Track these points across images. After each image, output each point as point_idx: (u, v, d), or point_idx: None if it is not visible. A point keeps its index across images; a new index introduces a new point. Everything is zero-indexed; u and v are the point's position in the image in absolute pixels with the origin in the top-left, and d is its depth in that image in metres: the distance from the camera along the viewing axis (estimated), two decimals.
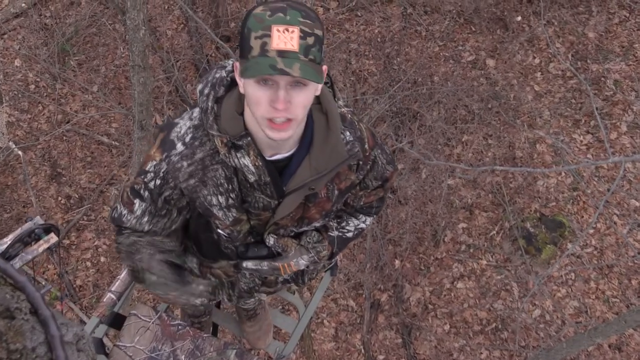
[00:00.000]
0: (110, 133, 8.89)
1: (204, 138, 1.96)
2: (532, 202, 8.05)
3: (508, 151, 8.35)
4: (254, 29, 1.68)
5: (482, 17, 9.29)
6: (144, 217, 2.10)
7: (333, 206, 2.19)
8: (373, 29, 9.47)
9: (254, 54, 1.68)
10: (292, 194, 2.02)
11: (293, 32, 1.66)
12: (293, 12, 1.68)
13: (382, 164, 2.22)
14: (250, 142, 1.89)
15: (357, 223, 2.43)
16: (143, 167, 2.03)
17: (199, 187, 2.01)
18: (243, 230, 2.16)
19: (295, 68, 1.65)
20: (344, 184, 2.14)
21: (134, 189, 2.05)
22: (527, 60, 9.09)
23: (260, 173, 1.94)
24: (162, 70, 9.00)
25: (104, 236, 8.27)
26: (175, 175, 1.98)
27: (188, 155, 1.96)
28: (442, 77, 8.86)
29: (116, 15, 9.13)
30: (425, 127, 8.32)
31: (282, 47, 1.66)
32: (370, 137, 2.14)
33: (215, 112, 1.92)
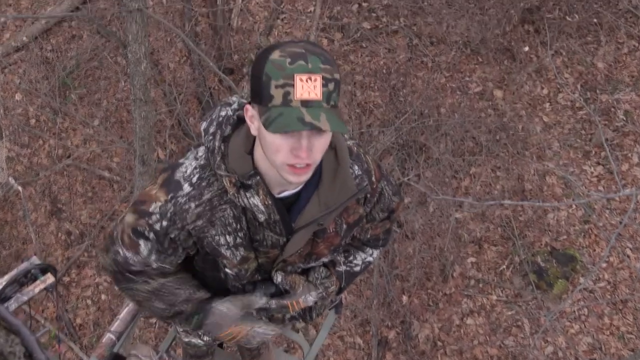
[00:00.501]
0: (112, 168, 8.90)
1: (211, 178, 1.96)
2: (542, 236, 8.02)
3: (517, 183, 8.34)
4: (274, 77, 1.66)
5: (489, 48, 9.32)
6: (152, 255, 2.09)
7: (342, 240, 2.20)
8: (378, 61, 9.51)
9: (276, 103, 1.67)
10: (300, 230, 2.03)
11: (316, 80, 1.66)
12: (313, 58, 1.67)
13: (388, 195, 2.23)
14: (259, 181, 1.89)
15: (364, 257, 2.45)
16: (145, 208, 2.00)
17: (207, 227, 2.01)
18: (250, 268, 2.16)
19: (322, 120, 1.65)
20: (352, 217, 2.15)
21: (138, 230, 2.03)
22: (536, 91, 9.11)
23: (270, 212, 1.94)
24: (164, 104, 9.04)
25: (104, 273, 8.25)
26: (182, 216, 1.97)
27: (196, 197, 1.96)
28: (449, 108, 8.88)
29: (118, 48, 9.20)
30: (432, 160, 8.32)
31: (306, 97, 1.66)
32: (377, 169, 2.16)
33: (223, 152, 1.92)
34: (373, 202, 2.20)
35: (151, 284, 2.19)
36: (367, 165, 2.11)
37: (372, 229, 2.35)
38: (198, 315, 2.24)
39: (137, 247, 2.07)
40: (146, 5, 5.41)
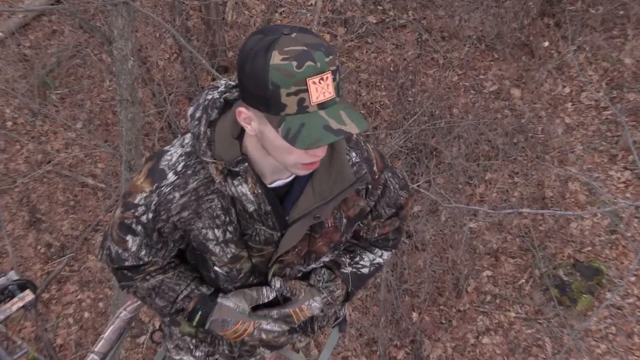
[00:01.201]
0: (96, 174, 8.90)
1: (197, 166, 1.98)
2: (565, 247, 8.00)
3: (537, 190, 8.33)
4: (283, 85, 1.66)
5: (506, 43, 9.33)
6: (141, 250, 2.13)
7: (342, 236, 2.20)
8: (385, 57, 9.53)
9: (290, 111, 1.69)
10: (295, 223, 2.04)
11: (327, 78, 1.69)
12: (318, 54, 1.68)
13: (394, 189, 2.25)
14: (247, 168, 1.90)
15: (372, 257, 2.44)
16: (131, 200, 2.03)
17: (193, 219, 2.03)
18: (244, 269, 2.17)
19: (346, 120, 1.69)
20: (353, 211, 2.16)
21: (125, 224, 2.07)
22: (557, 90, 9.11)
23: (260, 202, 1.95)
24: (153, 105, 9.05)
25: (88, 289, 8.24)
26: (167, 207, 2.00)
27: (180, 186, 1.98)
28: (462, 109, 8.88)
29: (102, 45, 9.20)
30: (444, 165, 8.33)
31: (321, 98, 1.68)
32: (379, 158, 2.17)
33: (209, 137, 1.93)
34: (377, 195, 2.21)
35: (150, 281, 2.24)
36: (368, 154, 2.13)
37: (380, 227, 2.35)
38: (201, 311, 2.25)
39: (125, 243, 2.11)
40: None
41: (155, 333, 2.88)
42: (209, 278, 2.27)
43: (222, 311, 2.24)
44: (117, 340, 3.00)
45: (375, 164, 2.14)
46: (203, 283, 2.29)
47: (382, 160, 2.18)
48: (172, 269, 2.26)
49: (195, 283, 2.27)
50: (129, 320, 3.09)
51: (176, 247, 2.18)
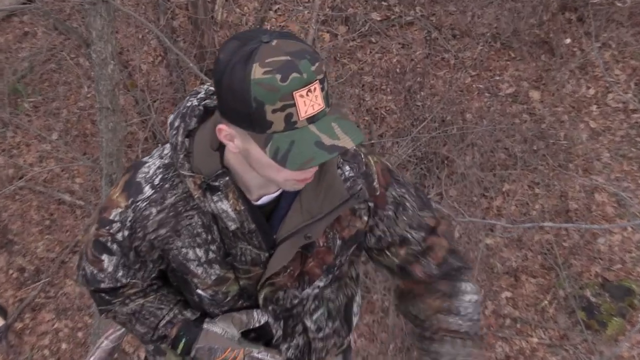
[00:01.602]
0: (74, 190, 8.91)
1: (175, 179, 1.98)
2: (592, 265, 8.00)
3: (560, 202, 8.34)
4: (267, 101, 1.63)
5: (523, 41, 9.36)
6: (118, 271, 2.13)
7: (336, 259, 2.17)
8: (391, 58, 9.55)
9: (277, 129, 1.66)
10: (284, 243, 2.02)
11: (315, 89, 1.67)
12: (303, 63, 1.65)
13: (412, 207, 2.19)
14: (228, 182, 1.89)
15: (466, 298, 2.29)
16: (106, 215, 2.04)
17: (171, 237, 2.02)
18: (231, 292, 2.17)
19: (339, 134, 1.68)
20: (348, 232, 2.12)
21: (100, 242, 2.08)
22: (580, 91, 9.13)
23: (242, 220, 1.94)
24: (136, 113, 9.06)
25: (65, 317, 8.23)
26: (143, 224, 1.99)
27: (157, 201, 1.98)
28: (475, 114, 8.90)
29: (79, 47, 9.22)
30: (457, 175, 8.33)
31: (310, 112, 1.67)
32: (382, 173, 2.14)
33: (187, 148, 1.92)
34: (388, 216, 2.16)
35: (129, 305, 2.24)
36: (367, 168, 2.11)
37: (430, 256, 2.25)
38: (186, 338, 2.23)
39: (101, 263, 2.12)
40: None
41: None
42: (193, 302, 2.26)
43: (209, 338, 2.22)
44: None
45: (376, 179, 2.11)
46: (187, 307, 2.30)
47: (389, 175, 2.16)
48: (154, 292, 2.27)
49: (178, 307, 2.28)
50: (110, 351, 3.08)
51: (156, 267, 2.18)
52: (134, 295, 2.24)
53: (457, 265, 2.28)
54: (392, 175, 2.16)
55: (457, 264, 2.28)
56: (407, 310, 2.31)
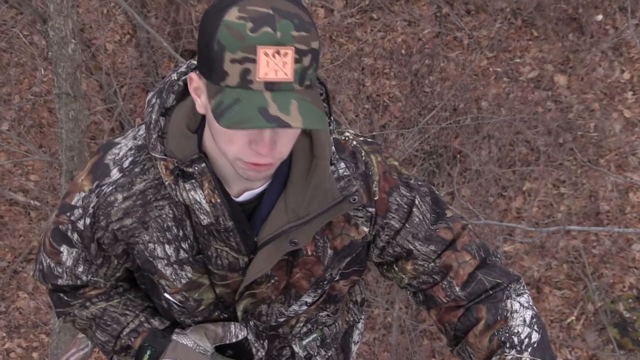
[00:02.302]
0: (28, 189, 8.92)
1: (147, 163, 1.96)
2: (625, 275, 8.06)
3: (589, 203, 8.39)
4: (229, 47, 1.60)
5: (548, 17, 9.40)
6: (78, 266, 2.12)
7: (326, 272, 2.12)
8: (395, 37, 9.58)
9: (231, 83, 1.62)
10: (265, 246, 1.97)
11: (286, 54, 1.60)
12: (284, 23, 1.60)
13: (422, 219, 2.10)
14: (204, 169, 1.84)
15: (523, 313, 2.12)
16: (67, 201, 2.02)
17: (137, 229, 1.99)
18: (205, 300, 2.14)
19: (293, 111, 1.60)
20: (340, 241, 2.07)
21: (59, 230, 2.06)
22: (613, 76, 9.17)
23: (218, 214, 1.89)
24: (100, 100, 9.08)
25: (18, 335, 8.26)
26: (107, 211, 1.97)
27: (125, 186, 1.95)
28: (492, 102, 8.94)
29: (34, 23, 9.24)
30: (471, 172, 8.38)
31: (272, 77, 1.60)
32: (386, 175, 2.06)
33: (161, 128, 1.90)
34: (386, 224, 2.08)
35: (90, 309, 2.24)
36: (367, 168, 2.04)
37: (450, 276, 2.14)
38: (150, 350, 2.22)
39: (59, 255, 2.11)
40: None
41: None
42: (162, 308, 2.26)
43: (178, 351, 2.20)
44: None
45: (376, 181, 2.04)
46: (156, 315, 2.30)
47: (395, 178, 2.08)
48: (119, 295, 2.27)
49: (145, 314, 2.28)
50: None
51: (121, 265, 2.16)
52: (96, 297, 2.24)
53: (492, 282, 2.14)
54: (401, 178, 2.08)
55: (493, 280, 2.14)
56: (462, 358, 2.18)
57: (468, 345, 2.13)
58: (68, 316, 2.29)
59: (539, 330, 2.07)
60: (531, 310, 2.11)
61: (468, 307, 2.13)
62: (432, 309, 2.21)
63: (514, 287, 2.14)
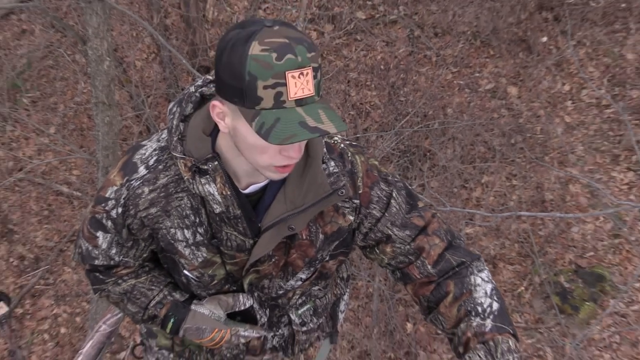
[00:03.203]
0: (71, 182, 8.89)
1: (169, 161, 2.00)
2: (566, 253, 8.04)
3: (536, 193, 8.37)
4: (261, 77, 1.64)
5: (502, 39, 9.37)
6: (112, 248, 2.15)
7: (317, 253, 2.17)
8: (375, 55, 9.55)
9: (266, 105, 1.67)
10: (268, 231, 2.02)
11: (307, 74, 1.67)
12: (300, 48, 1.67)
13: (398, 207, 2.15)
14: (217, 166, 1.90)
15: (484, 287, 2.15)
16: (102, 193, 2.04)
17: (161, 217, 2.03)
18: (217, 275, 2.18)
19: (324, 120, 1.68)
20: (330, 228, 2.13)
21: (95, 218, 2.08)
22: (556, 88, 9.15)
23: (228, 204, 1.95)
24: (130, 108, 9.05)
25: (64, 303, 8.23)
26: (135, 202, 2.00)
27: (150, 180, 1.99)
28: (456, 109, 8.91)
29: (76, 44, 9.21)
30: (439, 168, 8.36)
31: (300, 94, 1.67)
32: (368, 173, 2.12)
33: (181, 132, 1.94)
34: (369, 214, 2.14)
35: (122, 285, 2.26)
36: (352, 167, 2.09)
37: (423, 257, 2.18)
38: (174, 318, 2.27)
39: (95, 239, 2.13)
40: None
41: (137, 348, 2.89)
42: (182, 283, 2.28)
43: (197, 319, 2.25)
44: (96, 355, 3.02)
45: (360, 177, 2.10)
46: (177, 289, 2.32)
47: (376, 175, 2.14)
48: (145, 273, 2.29)
49: (168, 289, 2.30)
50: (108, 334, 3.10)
51: (147, 247, 2.19)
52: (126, 275, 2.26)
53: (458, 260, 2.18)
54: (380, 175, 2.14)
55: (458, 259, 2.18)
56: (435, 324, 2.20)
57: (439, 314, 2.15)
58: (103, 292, 2.30)
59: (498, 300, 2.11)
60: (491, 284, 2.15)
61: (438, 282, 2.17)
62: (408, 284, 2.24)
63: (476, 264, 2.18)
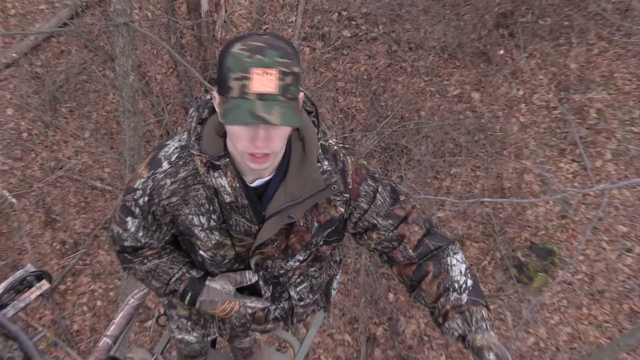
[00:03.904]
0: (103, 178, 8.88)
1: (188, 158, 2.02)
2: (522, 232, 8.06)
3: (496, 182, 8.37)
4: (233, 69, 1.70)
5: (466, 52, 9.36)
6: (139, 232, 2.16)
7: (312, 238, 2.17)
8: (359, 67, 9.53)
9: (234, 94, 1.70)
10: (271, 219, 2.03)
11: (271, 74, 1.69)
12: (272, 52, 1.70)
13: (383, 201, 2.14)
14: (228, 163, 1.92)
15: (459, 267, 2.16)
16: (131, 185, 2.07)
17: (180, 205, 2.05)
18: (228, 255, 2.19)
19: (274, 113, 1.68)
20: (323, 217, 2.13)
21: (125, 206, 2.10)
22: (512, 93, 9.15)
23: (237, 195, 1.97)
24: (152, 114, 9.02)
25: (99, 280, 8.23)
26: (159, 192, 2.03)
27: (172, 174, 2.02)
28: (428, 111, 8.90)
29: (106, 61, 9.18)
30: (414, 162, 8.35)
31: (261, 90, 1.69)
32: (357, 171, 2.11)
33: (198, 133, 1.96)
34: (357, 206, 2.13)
35: (147, 264, 2.27)
36: (344, 166, 2.09)
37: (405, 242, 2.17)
38: (191, 292, 2.27)
39: (125, 224, 2.15)
40: (132, 20, 5.39)
41: (161, 317, 2.90)
42: (198, 262, 2.29)
43: (210, 292, 2.27)
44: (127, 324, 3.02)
45: (350, 175, 2.09)
46: (194, 267, 2.32)
47: (364, 173, 2.12)
48: (167, 254, 2.29)
49: (186, 267, 2.30)
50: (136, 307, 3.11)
51: (169, 230, 2.19)
52: (151, 256, 2.26)
53: (436, 245, 2.18)
54: (368, 173, 2.12)
55: (436, 244, 2.18)
56: (418, 300, 2.21)
57: (422, 291, 2.16)
58: (131, 270, 2.32)
59: (472, 277, 2.12)
60: (465, 264, 2.16)
61: (419, 264, 2.17)
62: (393, 266, 2.23)
63: (452, 247, 2.19)
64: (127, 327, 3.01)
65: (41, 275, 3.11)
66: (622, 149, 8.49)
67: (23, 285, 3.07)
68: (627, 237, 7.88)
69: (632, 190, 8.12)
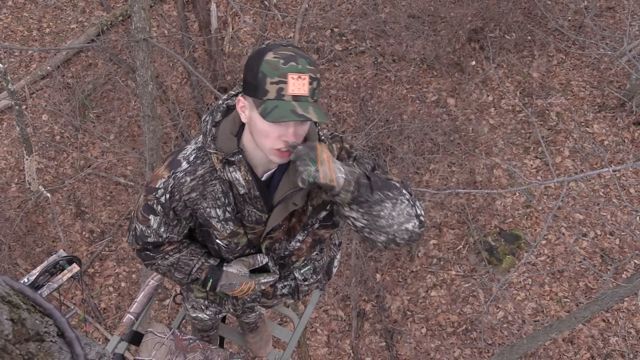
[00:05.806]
0: (126, 175, 8.87)
1: (204, 157, 1.98)
2: (492, 220, 8.07)
3: (469, 176, 8.38)
4: (269, 74, 1.69)
5: (442, 63, 9.37)
6: (161, 227, 2.10)
7: (308, 220, 2.14)
8: (349, 77, 9.53)
9: (270, 97, 1.70)
10: (278, 206, 2.01)
11: (305, 79, 1.69)
12: (302, 60, 1.70)
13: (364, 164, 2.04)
14: (241, 159, 1.90)
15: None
16: (152, 185, 2.02)
17: (199, 199, 2.01)
18: (241, 243, 2.16)
19: (311, 112, 1.68)
20: (316, 201, 2.09)
21: (148, 205, 2.05)
22: (482, 98, 9.16)
23: (250, 187, 1.94)
24: (169, 119, 9.01)
25: (123, 264, 8.21)
26: (180, 189, 1.99)
27: (191, 172, 1.98)
28: (410, 115, 8.90)
29: (128, 73, 9.16)
30: (398, 159, 8.35)
31: (296, 92, 1.69)
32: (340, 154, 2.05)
33: (214, 134, 1.94)
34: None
35: (168, 259, 2.22)
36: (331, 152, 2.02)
37: None
38: (212, 279, 2.24)
39: (148, 221, 2.09)
40: (151, 36, 5.36)
41: (177, 296, 2.89)
42: (214, 250, 2.25)
43: (229, 277, 2.23)
44: (147, 302, 3.01)
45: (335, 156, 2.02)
46: (211, 256, 2.28)
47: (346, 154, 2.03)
48: (186, 248, 2.24)
49: (204, 257, 2.26)
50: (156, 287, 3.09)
51: (187, 224, 2.14)
52: (171, 251, 2.21)
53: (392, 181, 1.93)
54: (348, 153, 2.05)
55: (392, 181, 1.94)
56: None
57: None
58: (153, 265, 2.27)
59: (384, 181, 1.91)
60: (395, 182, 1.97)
61: None
62: None
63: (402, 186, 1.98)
64: (147, 305, 2.99)
65: (72, 260, 3.09)
66: (579, 147, 8.51)
67: (56, 269, 3.06)
68: (583, 224, 7.90)
69: (587, 183, 8.14)
